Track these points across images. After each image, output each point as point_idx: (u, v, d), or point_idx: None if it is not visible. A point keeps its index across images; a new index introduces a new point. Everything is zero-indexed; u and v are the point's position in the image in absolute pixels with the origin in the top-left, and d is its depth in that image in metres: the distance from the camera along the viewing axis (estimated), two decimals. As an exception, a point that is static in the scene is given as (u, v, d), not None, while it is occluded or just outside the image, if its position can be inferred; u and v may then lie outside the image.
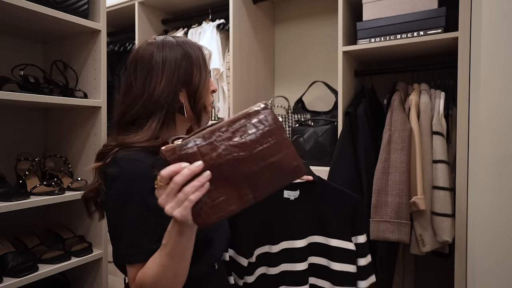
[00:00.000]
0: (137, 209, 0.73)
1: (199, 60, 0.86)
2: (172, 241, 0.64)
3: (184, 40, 0.87)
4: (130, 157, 0.75)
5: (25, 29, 1.50)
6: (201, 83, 0.85)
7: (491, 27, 1.08)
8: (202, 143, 0.60)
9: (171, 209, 0.58)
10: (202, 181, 0.58)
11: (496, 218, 1.06)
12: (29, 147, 1.62)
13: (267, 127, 0.63)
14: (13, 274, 1.24)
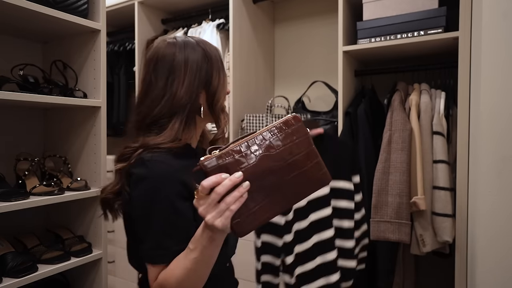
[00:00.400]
0: (165, 212, 0.74)
1: (218, 62, 0.86)
2: (202, 247, 0.66)
3: (204, 41, 0.87)
4: (158, 159, 0.75)
5: (24, 29, 1.49)
6: (220, 84, 0.85)
7: (492, 26, 1.08)
8: (239, 154, 0.63)
9: (212, 219, 0.60)
10: (242, 191, 0.60)
11: (497, 218, 1.05)
12: (28, 147, 1.62)
13: (298, 140, 0.67)
14: (13, 274, 1.24)
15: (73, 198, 1.42)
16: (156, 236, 0.74)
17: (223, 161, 0.61)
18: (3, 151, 1.53)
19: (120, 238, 2.35)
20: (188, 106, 0.80)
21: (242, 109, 1.97)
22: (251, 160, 0.63)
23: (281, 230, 1.15)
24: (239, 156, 0.62)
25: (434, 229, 1.41)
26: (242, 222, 0.62)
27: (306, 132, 0.68)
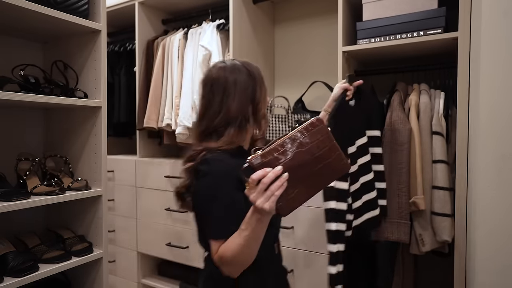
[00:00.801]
0: (224, 200, 0.93)
1: (260, 78, 1.05)
2: (251, 227, 0.84)
3: (247, 62, 1.07)
4: (218, 158, 0.95)
5: (25, 29, 1.50)
6: (262, 97, 1.04)
7: (491, 25, 1.08)
8: (278, 152, 0.81)
9: (261, 203, 0.78)
10: (283, 181, 0.79)
11: (496, 218, 1.06)
12: (29, 147, 1.63)
13: (322, 137, 0.84)
14: (14, 274, 1.24)
15: (74, 198, 1.43)
16: (217, 218, 0.94)
17: (266, 158, 0.80)
18: (4, 151, 1.54)
19: (121, 237, 2.35)
20: (240, 117, 1.00)
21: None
22: (287, 156, 0.81)
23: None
24: (277, 154, 0.81)
25: (433, 228, 1.41)
26: (283, 205, 0.81)
27: (327, 131, 0.85)
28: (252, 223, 0.84)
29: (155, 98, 2.15)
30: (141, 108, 2.23)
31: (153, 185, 2.17)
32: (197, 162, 0.97)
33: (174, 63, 2.09)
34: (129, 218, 2.30)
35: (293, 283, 1.69)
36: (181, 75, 2.06)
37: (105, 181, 1.55)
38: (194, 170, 0.98)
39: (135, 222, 2.27)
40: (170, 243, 2.09)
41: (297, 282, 1.69)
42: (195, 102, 1.97)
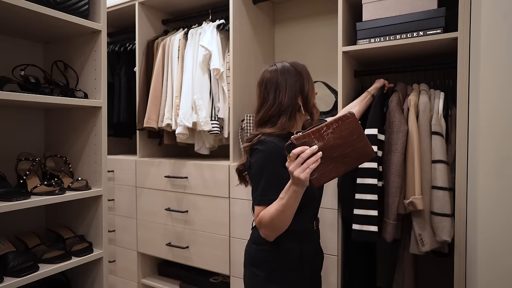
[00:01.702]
0: (270, 173, 1.13)
1: (306, 74, 1.26)
2: (288, 196, 1.03)
3: (295, 62, 1.30)
4: (270, 140, 1.16)
5: (25, 29, 1.50)
6: (309, 91, 1.24)
7: (491, 26, 1.08)
8: (315, 135, 0.99)
9: (298, 173, 0.96)
10: (317, 157, 0.97)
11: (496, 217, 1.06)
12: (29, 147, 1.63)
13: (353, 126, 1.02)
14: (14, 274, 1.24)
15: (74, 198, 1.43)
16: (263, 188, 1.13)
17: (305, 138, 0.99)
18: (4, 151, 1.54)
19: (121, 237, 2.36)
20: (289, 108, 1.20)
21: (242, 109, 1.97)
22: (323, 139, 0.99)
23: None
24: (314, 136, 0.99)
25: (433, 228, 1.41)
26: (316, 177, 0.99)
27: (357, 123, 1.02)
28: (289, 193, 1.02)
29: (155, 98, 2.15)
30: (141, 108, 2.23)
31: (153, 185, 2.17)
32: (253, 143, 1.18)
33: (174, 63, 2.10)
34: (129, 218, 2.30)
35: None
36: (181, 75, 2.07)
37: (105, 181, 1.55)
38: (250, 149, 1.19)
39: (135, 222, 2.27)
40: (170, 243, 2.09)
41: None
42: (195, 102, 1.97)
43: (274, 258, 1.19)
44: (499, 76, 1.06)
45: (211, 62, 1.95)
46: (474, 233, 1.17)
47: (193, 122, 1.97)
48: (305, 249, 1.22)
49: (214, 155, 2.26)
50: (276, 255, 1.19)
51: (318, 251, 1.32)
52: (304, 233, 1.23)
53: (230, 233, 1.89)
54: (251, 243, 1.26)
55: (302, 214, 1.16)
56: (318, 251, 1.32)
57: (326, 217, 1.61)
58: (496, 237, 1.06)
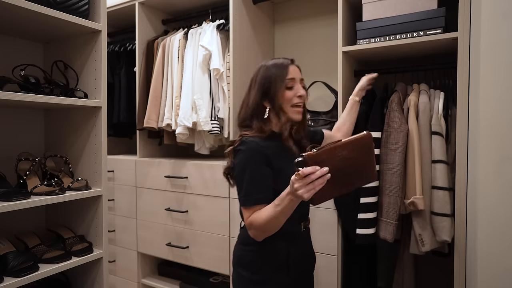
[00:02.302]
0: (252, 172, 1.12)
1: (276, 76, 1.18)
2: (284, 205, 1.01)
3: (277, 59, 1.22)
4: (252, 140, 1.15)
5: (25, 29, 1.50)
6: (277, 93, 1.17)
7: (491, 27, 1.08)
8: (328, 155, 0.94)
9: (302, 193, 0.93)
10: (325, 179, 0.92)
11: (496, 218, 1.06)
12: (29, 147, 1.63)
13: (367, 149, 0.99)
14: (14, 274, 1.24)
15: (74, 198, 1.43)
16: (246, 188, 1.12)
17: (318, 158, 0.93)
18: (4, 151, 1.54)
19: (121, 237, 2.36)
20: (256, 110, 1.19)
21: (242, 109, 1.97)
22: (334, 160, 0.94)
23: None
24: (327, 157, 0.93)
25: (433, 228, 1.41)
26: (317, 197, 0.96)
27: (372, 145, 1.00)
28: (285, 202, 1.00)
29: (155, 98, 2.15)
30: (141, 108, 2.23)
31: (153, 185, 2.17)
32: (235, 145, 1.18)
33: (174, 63, 2.10)
34: (129, 218, 2.30)
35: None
36: (181, 75, 2.07)
37: (105, 181, 1.55)
38: (233, 151, 1.18)
39: (135, 222, 2.27)
40: (170, 243, 2.09)
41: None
42: (195, 102, 1.97)
43: (259, 259, 1.18)
44: (499, 76, 1.06)
45: (211, 62, 1.95)
46: (474, 233, 1.17)
47: (193, 122, 1.97)
48: (291, 251, 1.20)
49: (214, 155, 2.26)
50: (261, 256, 1.18)
51: (307, 252, 1.30)
52: (290, 235, 1.21)
53: (230, 233, 1.89)
54: (238, 243, 1.26)
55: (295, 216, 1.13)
56: (307, 252, 1.30)
57: (325, 218, 1.61)
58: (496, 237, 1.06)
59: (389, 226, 1.44)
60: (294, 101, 1.18)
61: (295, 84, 1.19)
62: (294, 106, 1.19)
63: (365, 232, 1.46)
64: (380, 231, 1.47)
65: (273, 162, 1.15)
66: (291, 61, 1.22)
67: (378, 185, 1.48)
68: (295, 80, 1.19)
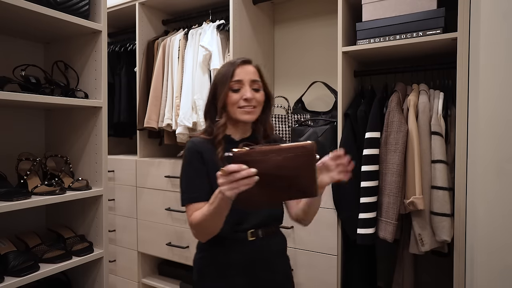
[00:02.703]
0: (187, 171, 1.10)
1: (222, 77, 1.13)
2: (216, 203, 0.94)
3: (228, 62, 1.17)
4: (192, 140, 1.14)
5: (26, 29, 1.50)
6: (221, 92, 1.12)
7: (490, 27, 1.08)
8: (260, 155, 0.86)
9: (224, 190, 0.87)
10: (251, 181, 0.84)
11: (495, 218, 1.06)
12: (30, 147, 1.63)
13: (305, 161, 0.87)
14: (15, 274, 1.25)
15: (75, 198, 1.43)
16: (183, 187, 1.10)
17: (247, 156, 0.85)
18: (5, 151, 1.54)
19: (121, 237, 2.36)
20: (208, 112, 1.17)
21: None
22: (267, 163, 0.85)
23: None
24: (259, 158, 0.85)
25: (432, 228, 1.41)
26: (244, 199, 0.87)
27: (315, 158, 0.88)
28: (217, 200, 0.94)
29: (156, 98, 2.16)
30: (142, 108, 2.23)
31: (153, 185, 2.17)
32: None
33: (175, 63, 2.10)
34: (129, 218, 2.31)
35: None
36: (181, 75, 2.07)
37: (106, 181, 1.55)
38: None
39: (135, 222, 2.27)
40: (170, 242, 2.09)
41: (298, 282, 1.69)
42: (195, 102, 1.97)
43: (203, 266, 1.15)
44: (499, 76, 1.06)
45: (211, 62, 1.96)
46: (473, 233, 1.17)
47: (193, 122, 1.98)
48: (234, 258, 1.11)
49: (214, 155, 2.25)
50: (204, 262, 1.15)
51: (261, 262, 1.14)
52: (233, 242, 1.11)
53: (230, 233, 1.89)
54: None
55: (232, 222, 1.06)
56: (261, 262, 1.14)
57: (325, 217, 1.61)
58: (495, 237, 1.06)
59: (388, 226, 1.44)
60: (240, 104, 1.10)
61: (243, 86, 1.11)
62: (241, 108, 1.11)
63: (365, 232, 1.47)
64: (380, 231, 1.47)
65: (209, 163, 1.09)
66: (242, 62, 1.16)
67: (378, 185, 1.49)
68: (243, 82, 1.11)
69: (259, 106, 1.14)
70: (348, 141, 1.58)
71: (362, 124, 1.55)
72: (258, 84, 1.15)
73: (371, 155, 1.48)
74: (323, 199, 1.60)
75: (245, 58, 1.18)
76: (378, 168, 1.49)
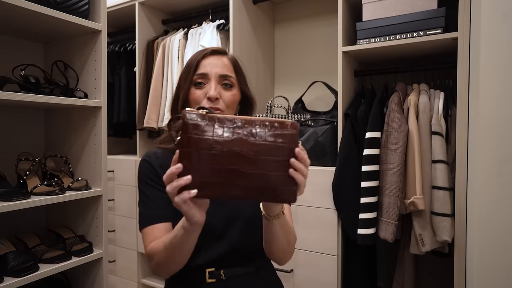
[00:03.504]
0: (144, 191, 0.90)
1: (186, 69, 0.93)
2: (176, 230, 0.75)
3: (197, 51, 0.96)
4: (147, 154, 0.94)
5: (26, 29, 1.50)
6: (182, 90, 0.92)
7: (491, 27, 1.08)
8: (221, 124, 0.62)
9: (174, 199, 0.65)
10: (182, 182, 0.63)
11: (496, 218, 1.06)
12: (29, 147, 1.63)
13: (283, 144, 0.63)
14: (14, 274, 1.24)
15: (74, 198, 1.43)
16: (138, 208, 0.91)
17: (203, 122, 0.62)
18: (5, 151, 1.54)
19: (121, 237, 2.35)
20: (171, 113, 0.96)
21: (242, 109, 1.97)
22: (227, 134, 0.62)
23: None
24: (218, 125, 0.62)
25: (433, 228, 1.41)
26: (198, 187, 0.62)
27: (294, 142, 0.64)
28: (177, 227, 0.75)
29: (155, 98, 2.15)
30: (141, 108, 2.23)
31: (153, 185, 2.17)
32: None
33: (174, 63, 2.10)
34: (129, 218, 2.30)
35: (293, 283, 1.69)
36: (181, 75, 2.07)
37: (105, 181, 1.55)
38: None
39: (135, 222, 2.27)
40: (170, 243, 2.09)
41: (298, 282, 1.69)
42: (195, 102, 1.96)
43: None
44: (499, 75, 1.05)
45: (211, 62, 1.95)
46: (474, 233, 1.17)
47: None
48: None
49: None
50: None
51: None
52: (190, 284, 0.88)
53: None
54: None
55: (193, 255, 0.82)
56: None
57: (326, 218, 1.61)
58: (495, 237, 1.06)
59: (389, 226, 1.44)
60: (202, 105, 0.88)
61: (209, 81, 0.89)
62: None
63: (365, 232, 1.46)
64: (380, 231, 1.47)
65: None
66: (212, 52, 0.93)
67: (378, 185, 1.49)
68: (208, 77, 0.89)
69: (229, 109, 0.91)
70: (349, 141, 1.57)
71: (363, 124, 1.55)
72: (231, 80, 0.91)
73: (372, 155, 1.48)
74: (323, 199, 1.60)
75: (217, 48, 0.96)
76: (378, 168, 1.48)
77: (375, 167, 1.48)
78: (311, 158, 1.71)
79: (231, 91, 0.91)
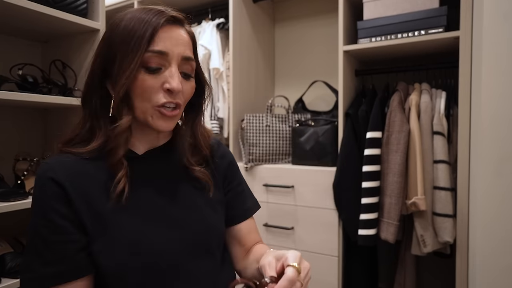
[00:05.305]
0: (39, 230, 0.61)
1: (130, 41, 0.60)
2: None
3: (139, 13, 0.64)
4: (47, 163, 0.70)
5: (23, 28, 1.49)
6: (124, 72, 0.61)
7: (493, 26, 1.07)
8: None
9: None
10: None
11: (498, 218, 1.05)
12: (27, 147, 1.62)
13: None
14: (12, 275, 1.23)
15: (72, 198, 1.41)
16: (28, 258, 0.60)
17: None
18: (2, 151, 1.53)
19: (120, 238, 2.34)
20: (86, 104, 0.73)
21: (242, 109, 1.96)
22: None
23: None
24: None
25: (434, 229, 1.40)
26: None
27: None
28: None
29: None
30: (141, 108, 2.22)
31: (152, 185, 2.15)
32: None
33: (174, 62, 2.08)
34: (128, 219, 2.29)
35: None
36: (180, 74, 2.06)
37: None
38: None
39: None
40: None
41: (297, 283, 1.68)
42: (194, 102, 1.95)
43: None
44: (501, 75, 1.05)
45: (211, 62, 1.94)
46: (476, 234, 1.16)
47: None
48: None
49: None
50: None
51: None
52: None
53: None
54: None
55: None
56: None
57: (326, 218, 1.60)
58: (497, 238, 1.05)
59: (390, 226, 1.43)
60: (157, 99, 0.62)
61: (169, 65, 0.63)
62: (161, 107, 0.63)
63: (366, 233, 1.45)
64: (382, 232, 1.46)
65: (88, 201, 0.62)
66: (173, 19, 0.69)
67: (379, 186, 1.48)
68: (169, 57, 0.63)
69: (183, 106, 0.67)
70: (349, 141, 1.56)
71: (363, 124, 1.54)
72: (192, 65, 0.67)
73: (373, 155, 1.47)
74: (324, 200, 1.59)
75: (178, 14, 0.71)
76: (379, 169, 1.47)
77: (376, 167, 1.47)
78: (312, 158, 1.71)
79: (190, 82, 0.67)
